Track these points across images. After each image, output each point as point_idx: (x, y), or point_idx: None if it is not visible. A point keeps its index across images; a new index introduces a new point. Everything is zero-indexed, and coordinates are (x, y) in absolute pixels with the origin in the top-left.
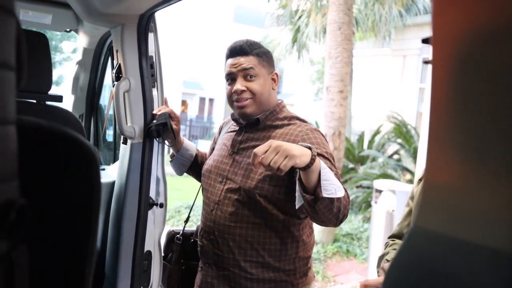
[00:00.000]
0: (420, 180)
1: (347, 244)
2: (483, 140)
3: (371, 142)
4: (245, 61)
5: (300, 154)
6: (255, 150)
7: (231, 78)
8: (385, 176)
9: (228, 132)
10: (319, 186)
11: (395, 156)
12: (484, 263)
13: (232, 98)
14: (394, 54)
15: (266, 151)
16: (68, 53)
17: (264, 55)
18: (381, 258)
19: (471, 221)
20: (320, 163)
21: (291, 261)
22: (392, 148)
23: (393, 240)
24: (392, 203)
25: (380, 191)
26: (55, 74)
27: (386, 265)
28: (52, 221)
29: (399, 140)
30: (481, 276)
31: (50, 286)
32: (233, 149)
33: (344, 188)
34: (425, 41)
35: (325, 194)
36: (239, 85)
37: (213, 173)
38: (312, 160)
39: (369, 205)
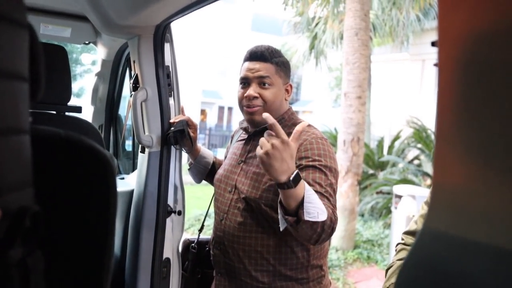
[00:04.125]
0: None
1: (367, 250)
2: (490, 141)
3: (390, 147)
4: (263, 68)
5: (280, 171)
6: (276, 126)
7: (245, 82)
8: (405, 181)
9: (238, 141)
10: (302, 208)
11: (415, 161)
12: (493, 263)
13: (243, 103)
14: (412, 58)
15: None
16: (88, 65)
17: (282, 65)
18: (387, 270)
19: (479, 222)
20: (304, 187)
21: (303, 270)
22: (412, 153)
23: (402, 241)
24: (412, 208)
25: (400, 197)
26: (76, 86)
27: None
28: (69, 228)
29: (419, 145)
30: (490, 276)
31: None
32: (241, 158)
33: (333, 206)
34: (434, 44)
35: (307, 217)
36: (252, 91)
37: (223, 183)
38: (284, 185)
39: (389, 211)
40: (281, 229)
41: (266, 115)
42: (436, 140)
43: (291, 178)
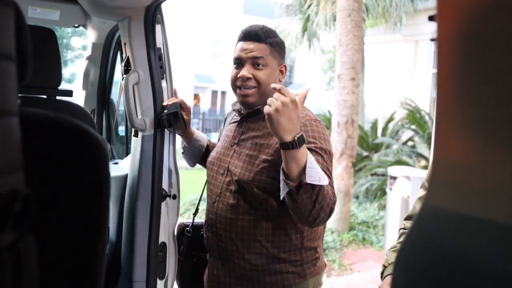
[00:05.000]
0: None
1: (363, 232)
2: (491, 115)
3: (384, 129)
4: (257, 49)
5: (287, 130)
6: (283, 88)
7: (239, 62)
8: (399, 163)
9: (231, 123)
10: (304, 173)
11: (410, 143)
12: (495, 239)
13: (236, 83)
14: (405, 40)
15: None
16: (79, 51)
17: (277, 46)
18: (390, 252)
19: (481, 197)
20: (307, 155)
21: (297, 252)
22: (406, 134)
23: (403, 227)
24: (407, 189)
25: (394, 178)
26: (67, 72)
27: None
28: (61, 213)
29: (413, 127)
30: (492, 252)
31: (62, 276)
32: (234, 140)
33: (331, 187)
34: (431, 18)
35: (308, 180)
36: (246, 71)
37: (216, 165)
38: (289, 144)
39: (384, 193)
40: (281, 198)
41: (273, 85)
42: (437, 114)
43: (296, 138)
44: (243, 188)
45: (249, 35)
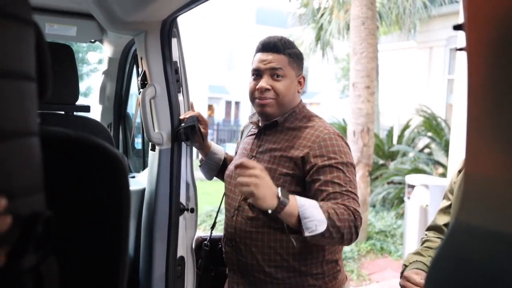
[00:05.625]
0: (460, 171)
1: (380, 241)
2: None
3: (400, 137)
4: (275, 60)
5: (271, 196)
6: (245, 161)
7: (257, 73)
8: (416, 171)
9: (248, 136)
10: (301, 226)
11: (426, 150)
12: None
13: (255, 95)
14: (420, 46)
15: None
16: (95, 64)
17: (295, 57)
18: (411, 255)
19: None
20: (297, 202)
21: (318, 265)
22: (422, 142)
23: (426, 236)
24: (426, 198)
25: (412, 186)
26: (83, 85)
27: (408, 272)
28: (82, 231)
29: (429, 134)
30: None
31: None
32: (252, 153)
33: (354, 205)
34: (457, 27)
35: (306, 233)
36: (264, 83)
37: (234, 179)
38: (278, 208)
39: (401, 201)
40: (294, 245)
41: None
42: (467, 128)
43: (280, 197)
44: None
45: (268, 46)
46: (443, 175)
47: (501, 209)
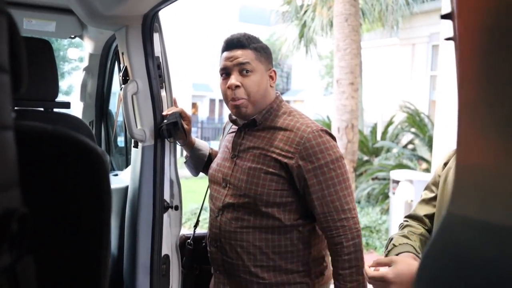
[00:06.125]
0: (445, 164)
1: (366, 237)
2: None
3: (384, 133)
4: (242, 55)
5: None
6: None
7: (225, 72)
8: (400, 166)
9: (230, 133)
10: None
11: (410, 146)
12: None
13: (228, 96)
14: (402, 43)
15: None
16: (76, 63)
17: (262, 50)
18: (399, 237)
19: (510, 205)
20: None
21: (304, 262)
22: (406, 138)
23: (406, 221)
24: (410, 193)
25: (397, 182)
26: (65, 84)
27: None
28: (61, 230)
29: (413, 130)
30: None
31: None
32: (234, 152)
33: (350, 218)
34: (445, 16)
35: None
36: (234, 79)
37: (217, 178)
38: None
39: (386, 197)
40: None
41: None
42: (459, 117)
43: None
44: (247, 201)
45: (232, 43)
46: (427, 170)
47: (496, 199)
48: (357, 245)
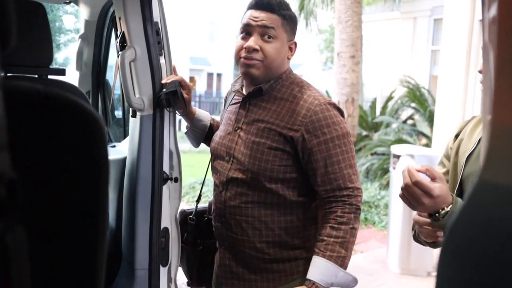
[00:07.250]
0: (456, 136)
1: (364, 212)
2: None
3: (384, 108)
4: (268, 19)
5: None
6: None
7: (246, 31)
8: (400, 141)
9: (232, 104)
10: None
11: (410, 121)
12: None
13: (240, 54)
14: (404, 17)
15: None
16: (73, 34)
17: (290, 19)
18: None
19: None
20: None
21: (311, 237)
22: (406, 113)
23: None
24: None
25: (398, 156)
26: (61, 56)
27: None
28: (54, 198)
29: (413, 105)
30: None
31: (59, 268)
32: (238, 124)
33: (354, 191)
34: None
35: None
36: (253, 42)
37: (220, 151)
38: None
39: (385, 172)
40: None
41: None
42: (495, 74)
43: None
44: (252, 176)
45: (261, 3)
46: (427, 145)
47: None
48: (351, 220)
